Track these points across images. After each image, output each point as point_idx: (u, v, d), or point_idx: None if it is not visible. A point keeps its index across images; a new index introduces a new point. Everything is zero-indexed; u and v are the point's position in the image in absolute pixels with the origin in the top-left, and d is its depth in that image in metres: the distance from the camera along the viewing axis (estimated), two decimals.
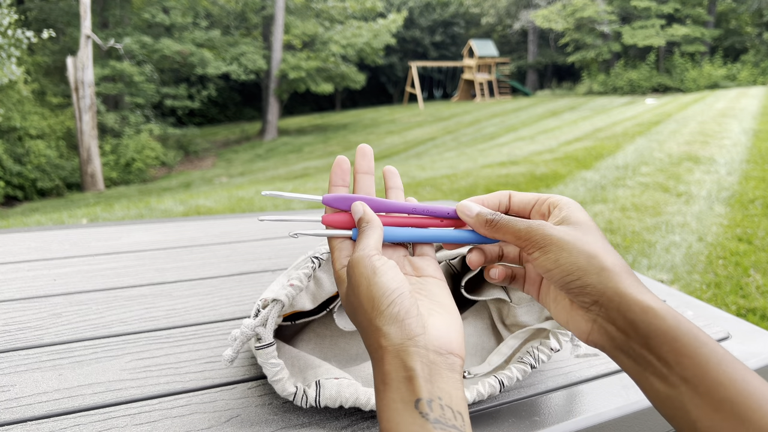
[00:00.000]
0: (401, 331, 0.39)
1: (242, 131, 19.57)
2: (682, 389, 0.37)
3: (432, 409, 0.35)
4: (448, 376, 0.38)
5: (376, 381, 0.39)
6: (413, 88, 23.58)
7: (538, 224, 0.46)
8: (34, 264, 1.02)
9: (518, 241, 0.46)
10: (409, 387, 0.37)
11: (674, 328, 0.39)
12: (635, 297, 0.41)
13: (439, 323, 0.42)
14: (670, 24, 21.71)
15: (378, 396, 0.38)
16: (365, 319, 0.41)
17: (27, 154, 11.49)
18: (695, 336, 0.38)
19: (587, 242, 0.44)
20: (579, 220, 0.47)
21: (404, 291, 0.41)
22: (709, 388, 0.36)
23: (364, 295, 0.41)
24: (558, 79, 28.21)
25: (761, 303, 2.66)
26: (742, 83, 19.87)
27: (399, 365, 0.38)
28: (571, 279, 0.43)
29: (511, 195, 0.52)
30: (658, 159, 6.36)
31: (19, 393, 0.59)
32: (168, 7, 15.37)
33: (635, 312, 0.40)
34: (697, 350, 0.37)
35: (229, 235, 1.26)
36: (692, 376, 0.37)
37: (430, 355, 0.39)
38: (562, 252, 0.44)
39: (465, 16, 29.51)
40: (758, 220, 3.99)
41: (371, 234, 0.46)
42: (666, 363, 0.38)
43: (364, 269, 0.42)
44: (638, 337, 0.40)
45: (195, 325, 0.77)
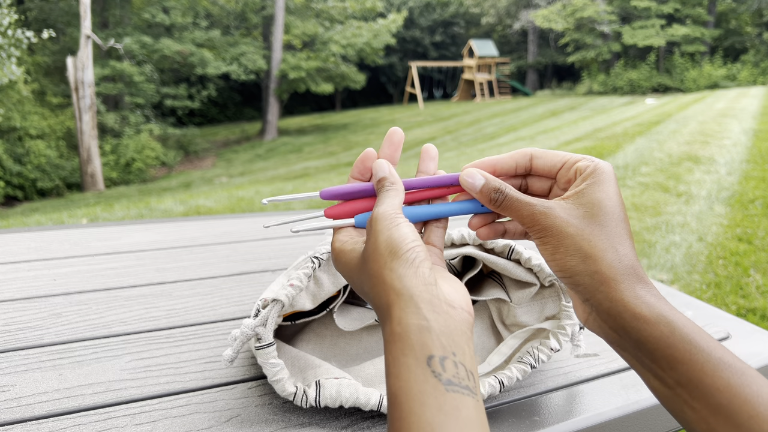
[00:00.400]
0: (416, 275, 0.38)
1: (242, 131, 19.56)
2: (678, 391, 0.37)
3: (445, 368, 0.33)
4: (462, 330, 0.36)
5: (385, 332, 0.37)
6: (413, 88, 23.57)
7: (542, 209, 0.43)
8: (34, 264, 1.02)
9: (521, 223, 0.44)
10: (421, 339, 0.34)
11: (667, 336, 0.37)
12: (627, 304, 0.39)
13: (447, 284, 0.40)
14: (670, 24, 21.70)
15: (387, 349, 0.36)
16: (379, 265, 0.39)
17: (27, 154, 11.49)
18: (690, 342, 0.37)
19: (589, 238, 0.41)
20: (595, 201, 0.42)
21: (423, 246, 0.40)
22: (705, 393, 0.36)
23: (383, 242, 0.39)
24: (558, 79, 28.20)
25: (761, 303, 2.66)
26: (742, 83, 19.87)
27: (412, 311, 0.36)
28: (563, 276, 0.42)
29: (533, 155, 0.48)
30: (658, 159, 6.36)
31: (19, 393, 0.59)
32: (168, 7, 15.37)
33: (626, 319, 0.39)
34: (692, 356, 0.37)
35: (229, 235, 1.26)
36: (687, 382, 0.36)
37: (443, 306, 0.37)
38: (560, 247, 0.42)
39: (465, 16, 29.50)
40: (758, 220, 3.99)
41: (396, 195, 0.44)
42: (660, 367, 0.38)
43: (388, 222, 0.41)
44: (630, 341, 0.39)
45: (195, 325, 0.77)
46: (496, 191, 0.45)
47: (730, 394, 0.35)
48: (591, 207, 0.42)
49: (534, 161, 0.47)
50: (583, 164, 0.45)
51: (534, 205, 0.43)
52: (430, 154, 0.50)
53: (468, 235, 0.63)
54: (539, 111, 16.04)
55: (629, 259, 0.41)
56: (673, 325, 0.38)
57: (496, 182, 0.45)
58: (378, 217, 0.41)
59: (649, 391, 0.64)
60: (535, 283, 0.62)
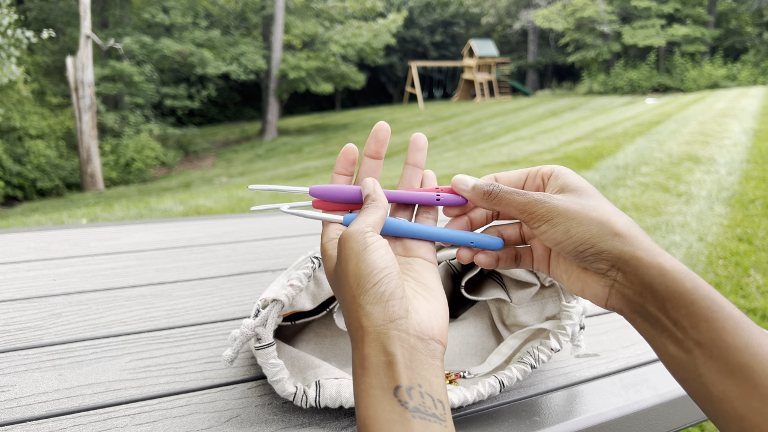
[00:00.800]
0: (384, 312, 0.38)
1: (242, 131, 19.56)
2: (696, 353, 0.37)
3: (411, 397, 0.34)
4: (429, 363, 0.37)
5: (354, 364, 0.38)
6: (413, 88, 23.57)
7: (539, 195, 0.44)
8: (34, 264, 1.02)
9: (521, 214, 0.44)
10: (388, 373, 0.35)
11: (691, 291, 0.38)
12: (652, 259, 0.40)
13: (423, 308, 0.40)
14: (670, 24, 21.70)
15: (356, 380, 0.37)
16: (349, 295, 0.40)
17: (27, 154, 11.49)
18: (712, 299, 0.37)
19: (594, 208, 0.42)
20: (578, 186, 0.45)
21: (392, 271, 0.40)
22: (724, 352, 0.36)
23: (351, 270, 0.40)
24: (558, 79, 28.20)
25: (761, 303, 2.66)
26: (742, 83, 19.87)
27: (379, 348, 0.37)
28: (585, 248, 0.42)
29: (496, 177, 0.49)
30: (659, 159, 6.36)
31: (19, 393, 0.59)
32: (168, 6, 15.37)
33: (652, 275, 0.39)
34: (713, 314, 0.37)
35: (229, 235, 1.26)
36: (707, 341, 0.36)
37: (411, 340, 0.37)
38: (572, 222, 0.42)
39: (465, 15, 29.50)
40: (758, 220, 3.99)
41: (373, 212, 0.44)
42: (681, 327, 0.38)
43: (356, 244, 0.41)
44: (655, 300, 0.39)
45: (195, 325, 0.77)
46: (489, 186, 0.46)
47: (749, 354, 0.35)
48: (578, 190, 0.44)
49: (499, 180, 0.49)
50: (547, 168, 0.47)
51: (529, 194, 0.44)
52: (418, 144, 0.50)
53: None
54: (539, 111, 16.04)
55: (634, 223, 0.42)
56: (696, 281, 0.38)
57: (487, 180, 0.47)
58: (346, 237, 0.42)
59: (649, 391, 0.64)
60: (535, 283, 0.62)
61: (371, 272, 0.39)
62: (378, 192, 0.46)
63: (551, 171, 0.47)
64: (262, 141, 16.70)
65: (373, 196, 0.46)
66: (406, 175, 0.51)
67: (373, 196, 0.46)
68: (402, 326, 0.38)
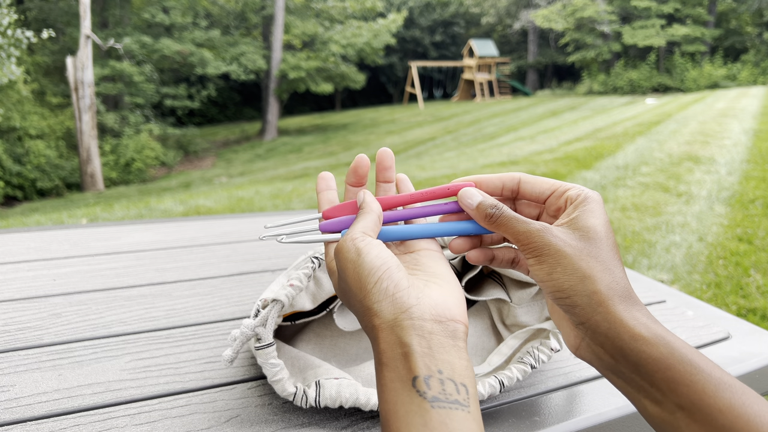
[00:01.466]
0: (393, 305, 0.38)
1: (242, 131, 19.57)
2: (678, 415, 0.36)
3: (430, 386, 0.34)
4: (450, 344, 0.37)
5: (375, 362, 0.38)
6: (413, 87, 23.57)
7: (539, 229, 0.42)
8: (34, 264, 1.02)
9: (517, 243, 0.44)
10: (405, 364, 0.35)
11: (667, 357, 0.37)
12: (626, 324, 0.39)
13: (436, 292, 0.40)
14: (670, 24, 21.71)
15: (377, 377, 0.37)
16: (357, 302, 0.40)
17: (27, 154, 11.49)
18: (689, 362, 0.36)
19: (587, 258, 0.41)
20: (589, 226, 0.43)
21: (391, 266, 0.40)
22: (707, 415, 0.35)
23: (351, 278, 0.40)
24: (558, 79, 28.20)
25: (761, 303, 2.66)
26: (742, 83, 19.87)
27: (394, 342, 0.36)
28: (559, 296, 0.41)
29: (521, 180, 0.48)
30: (659, 159, 6.36)
31: (19, 393, 0.59)
32: (168, 6, 15.37)
33: (624, 340, 0.38)
34: (692, 377, 0.36)
35: (228, 235, 1.26)
36: (688, 404, 0.36)
37: (427, 325, 0.37)
38: (557, 266, 0.41)
39: (465, 15, 29.50)
40: (758, 220, 3.99)
41: (362, 218, 0.44)
42: (659, 390, 0.37)
43: (348, 253, 0.41)
44: (628, 363, 0.38)
45: (195, 325, 0.77)
46: (493, 207, 0.45)
47: (733, 415, 0.34)
48: (586, 232, 0.42)
49: (522, 185, 0.48)
50: (574, 193, 0.45)
51: (530, 223, 0.43)
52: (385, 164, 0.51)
53: None
54: (539, 111, 16.04)
55: (624, 283, 0.41)
56: (671, 346, 0.37)
57: (493, 200, 0.45)
58: (339, 248, 0.42)
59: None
60: (535, 283, 0.62)
61: (370, 273, 0.39)
62: (368, 199, 0.46)
63: (576, 197, 0.45)
64: (262, 141, 16.70)
65: (362, 205, 0.46)
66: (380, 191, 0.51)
67: (363, 205, 0.46)
68: (415, 314, 0.37)
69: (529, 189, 0.47)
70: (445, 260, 0.45)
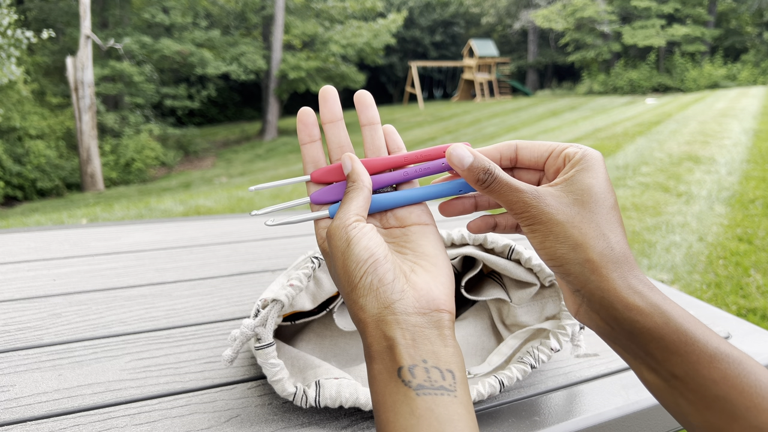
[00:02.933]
0: (377, 300, 0.38)
1: (242, 131, 19.56)
2: (673, 383, 0.36)
3: (414, 375, 0.34)
4: (434, 335, 0.37)
5: (365, 355, 0.38)
6: (413, 88, 23.57)
7: (532, 196, 0.41)
8: (34, 264, 1.02)
9: (509, 210, 0.42)
10: (391, 356, 0.36)
11: (661, 326, 0.36)
12: (618, 294, 0.38)
13: (422, 281, 0.40)
14: (670, 24, 21.70)
15: (367, 369, 0.38)
16: (344, 293, 0.40)
17: (27, 154, 11.49)
18: (684, 332, 0.36)
19: (579, 225, 0.40)
20: (585, 187, 0.41)
21: (378, 257, 0.39)
22: (701, 385, 0.35)
23: (340, 269, 0.40)
24: (558, 79, 28.20)
25: (762, 303, 2.66)
26: (742, 83, 19.87)
27: (379, 336, 0.37)
28: (553, 264, 0.40)
29: (518, 147, 0.46)
30: (659, 159, 6.35)
31: (19, 393, 0.59)
32: (168, 7, 15.37)
33: (618, 310, 0.38)
34: (686, 347, 0.35)
35: (228, 235, 1.26)
36: (683, 374, 0.35)
37: (411, 319, 0.37)
38: (549, 235, 0.40)
39: (465, 15, 29.50)
40: (758, 220, 3.99)
41: (354, 197, 0.43)
42: (654, 358, 0.37)
43: (339, 241, 0.40)
44: (623, 332, 0.38)
45: (195, 325, 0.77)
46: (485, 171, 0.42)
47: (727, 386, 0.34)
48: (581, 194, 0.41)
49: (519, 152, 0.46)
50: (572, 150, 0.43)
51: (522, 191, 0.41)
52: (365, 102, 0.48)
53: (468, 235, 0.63)
54: (539, 111, 16.04)
55: (620, 248, 0.39)
56: (667, 315, 0.37)
57: (486, 161, 0.42)
58: (330, 234, 0.41)
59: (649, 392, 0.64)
60: (535, 283, 0.62)
61: (357, 266, 0.39)
62: (358, 170, 0.44)
63: (574, 155, 0.43)
64: (262, 141, 16.69)
65: (353, 176, 0.44)
66: (368, 137, 0.48)
67: (353, 176, 0.44)
68: (398, 309, 0.38)
69: (527, 154, 0.45)
70: (437, 237, 0.44)
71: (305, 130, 0.47)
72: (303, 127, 0.47)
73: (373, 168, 0.47)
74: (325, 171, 0.47)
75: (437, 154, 0.46)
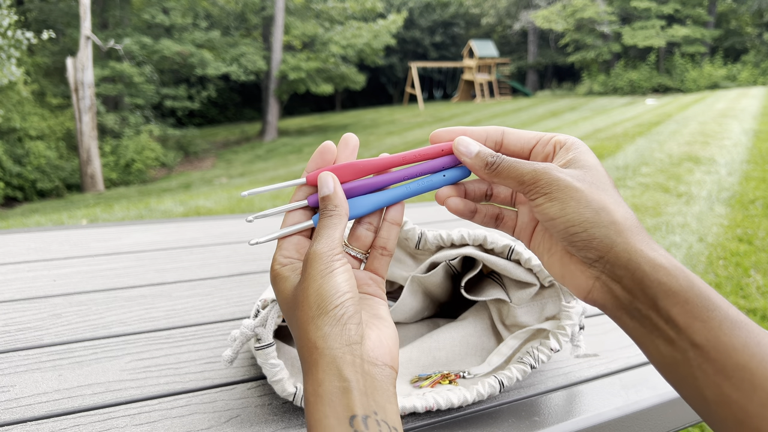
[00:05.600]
0: (341, 335, 0.37)
1: (242, 132, 19.56)
2: (690, 354, 0.35)
3: (368, 426, 0.33)
4: (383, 389, 0.37)
5: (306, 392, 0.36)
6: (413, 88, 23.57)
7: (545, 167, 0.41)
8: (34, 265, 1.02)
9: (521, 186, 0.42)
10: (343, 400, 0.34)
11: (686, 289, 0.36)
12: (646, 254, 0.37)
13: (374, 335, 0.40)
14: (670, 25, 21.71)
15: (308, 409, 0.36)
16: (307, 316, 0.38)
17: (27, 155, 11.49)
18: (708, 297, 0.35)
19: (598, 191, 0.40)
20: (589, 164, 0.42)
21: (354, 296, 0.39)
22: (721, 353, 0.34)
23: (313, 291, 0.38)
24: (558, 79, 28.20)
25: (762, 303, 2.66)
26: (742, 84, 19.87)
27: (334, 374, 0.35)
28: (575, 231, 0.39)
29: (504, 132, 0.46)
30: (659, 159, 6.36)
31: (19, 393, 0.59)
32: (168, 7, 15.37)
33: (645, 270, 0.37)
34: (709, 313, 0.35)
35: (228, 235, 1.26)
36: (703, 341, 0.34)
37: (365, 366, 0.37)
38: (570, 201, 0.39)
39: (465, 16, 29.51)
40: (759, 221, 3.99)
41: (338, 224, 0.41)
42: (675, 326, 0.36)
43: (323, 266, 0.39)
44: (646, 297, 0.37)
45: (195, 325, 0.77)
46: (493, 155, 0.43)
47: (747, 354, 0.33)
48: (588, 169, 0.41)
49: (506, 137, 0.46)
50: (562, 137, 0.44)
51: (534, 163, 0.42)
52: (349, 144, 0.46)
53: (468, 235, 0.63)
54: (539, 111, 16.05)
55: (634, 217, 0.40)
56: (690, 279, 0.36)
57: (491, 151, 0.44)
58: (313, 257, 0.40)
59: (648, 391, 0.64)
60: (534, 283, 0.62)
61: (334, 294, 0.38)
62: (339, 194, 0.42)
63: (565, 141, 0.44)
64: (262, 142, 16.70)
65: (334, 200, 0.42)
66: None
67: (335, 200, 0.42)
68: (357, 351, 0.37)
69: (514, 140, 0.46)
70: (387, 308, 0.45)
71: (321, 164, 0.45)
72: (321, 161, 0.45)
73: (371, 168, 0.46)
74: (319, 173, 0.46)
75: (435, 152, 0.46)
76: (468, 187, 0.48)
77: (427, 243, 0.65)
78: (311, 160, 0.45)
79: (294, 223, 0.44)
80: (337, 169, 0.44)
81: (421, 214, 1.48)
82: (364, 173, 0.45)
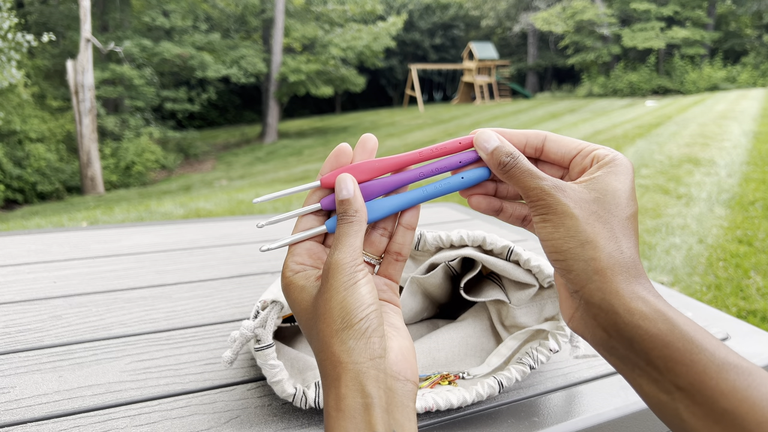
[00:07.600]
0: (366, 349, 0.36)
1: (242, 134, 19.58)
2: (676, 396, 0.33)
3: None
4: (404, 405, 0.36)
5: (327, 405, 0.36)
6: (413, 90, 23.59)
7: (552, 187, 0.39)
8: (35, 266, 1.02)
9: (526, 198, 0.41)
10: (365, 417, 0.34)
11: (666, 333, 0.34)
12: (621, 297, 0.36)
13: (396, 347, 0.38)
14: (669, 26, 21.74)
15: (330, 422, 0.35)
16: (330, 329, 0.37)
17: (27, 157, 11.49)
18: (691, 340, 0.33)
19: (594, 223, 0.38)
20: (609, 188, 0.39)
21: (378, 308, 0.38)
22: (707, 398, 0.32)
23: (337, 303, 0.37)
24: (558, 81, 28.22)
25: (762, 305, 2.66)
26: (742, 85, 19.89)
27: (357, 389, 0.35)
28: (557, 258, 0.39)
29: (546, 138, 0.44)
30: (659, 161, 6.36)
31: (19, 395, 0.59)
32: (168, 10, 15.40)
33: (619, 314, 0.35)
34: (693, 356, 0.33)
35: (228, 237, 1.26)
36: (687, 385, 0.33)
37: (388, 381, 0.36)
38: (561, 227, 0.38)
39: (465, 18, 29.54)
40: (758, 222, 3.99)
41: (358, 231, 0.40)
42: (656, 368, 0.34)
43: (347, 278, 0.37)
44: (622, 338, 0.36)
45: (194, 326, 0.78)
46: (508, 155, 0.41)
47: (737, 399, 0.31)
48: (603, 194, 0.39)
49: (547, 144, 0.44)
50: (602, 152, 0.42)
51: (543, 179, 0.40)
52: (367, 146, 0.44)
53: (467, 236, 0.63)
54: (539, 113, 16.05)
55: (630, 254, 0.38)
56: (672, 322, 0.34)
57: (510, 147, 0.42)
58: (335, 267, 0.38)
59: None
60: (534, 284, 0.63)
61: (359, 306, 0.37)
62: (358, 198, 0.41)
63: (604, 156, 0.41)
64: (262, 144, 16.71)
65: (354, 205, 0.40)
66: None
67: (355, 205, 0.40)
68: (380, 365, 0.36)
69: (555, 148, 0.43)
70: (401, 317, 0.44)
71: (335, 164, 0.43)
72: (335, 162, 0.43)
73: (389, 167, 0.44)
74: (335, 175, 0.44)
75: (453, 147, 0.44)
76: (500, 185, 0.46)
77: (426, 244, 0.65)
78: (326, 162, 0.43)
79: (306, 228, 0.43)
80: (353, 169, 0.43)
81: (421, 215, 1.48)
82: (381, 173, 0.44)
